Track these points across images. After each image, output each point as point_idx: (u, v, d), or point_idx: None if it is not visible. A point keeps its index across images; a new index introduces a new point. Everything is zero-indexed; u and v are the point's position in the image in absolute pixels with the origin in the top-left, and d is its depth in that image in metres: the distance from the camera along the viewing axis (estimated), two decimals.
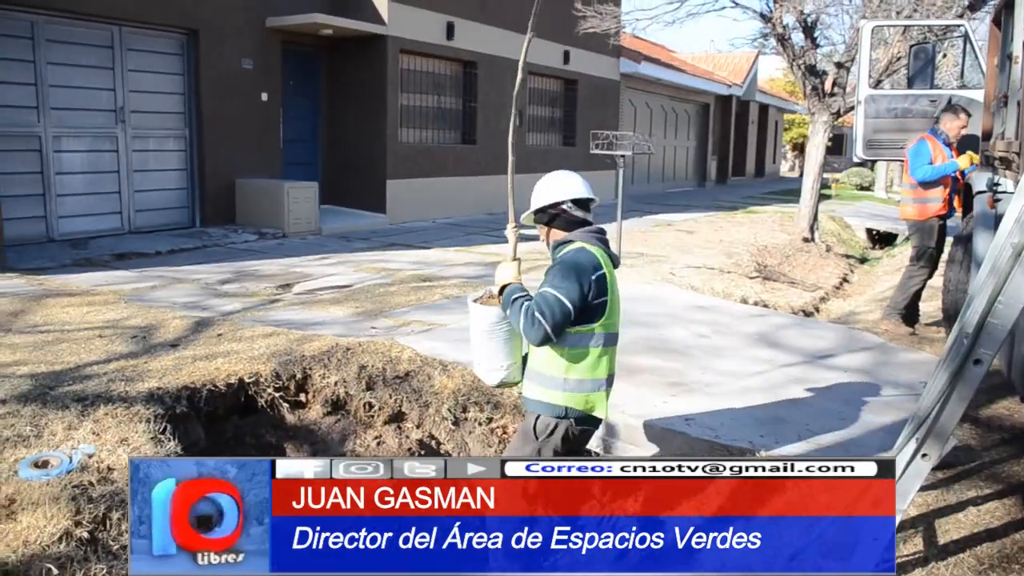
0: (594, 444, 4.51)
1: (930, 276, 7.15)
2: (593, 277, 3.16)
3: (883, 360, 5.97)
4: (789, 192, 25.93)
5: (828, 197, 22.91)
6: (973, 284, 2.93)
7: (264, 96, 11.70)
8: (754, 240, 13.03)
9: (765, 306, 8.19)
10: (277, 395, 4.65)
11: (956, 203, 6.90)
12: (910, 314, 7.20)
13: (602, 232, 3.39)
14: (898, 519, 2.78)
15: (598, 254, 3.25)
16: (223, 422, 4.48)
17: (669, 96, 24.76)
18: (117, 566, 3.02)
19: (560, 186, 3.35)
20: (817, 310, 9.15)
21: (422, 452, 4.47)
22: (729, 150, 30.19)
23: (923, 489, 3.68)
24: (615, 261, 3.38)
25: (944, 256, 6.86)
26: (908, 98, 8.29)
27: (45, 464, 3.47)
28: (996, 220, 5.54)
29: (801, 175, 14.98)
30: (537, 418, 3.31)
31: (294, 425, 4.62)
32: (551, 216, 3.35)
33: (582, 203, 3.35)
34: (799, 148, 48.79)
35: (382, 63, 12.85)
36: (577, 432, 3.33)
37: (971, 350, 2.62)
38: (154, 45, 10.64)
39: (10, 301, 6.63)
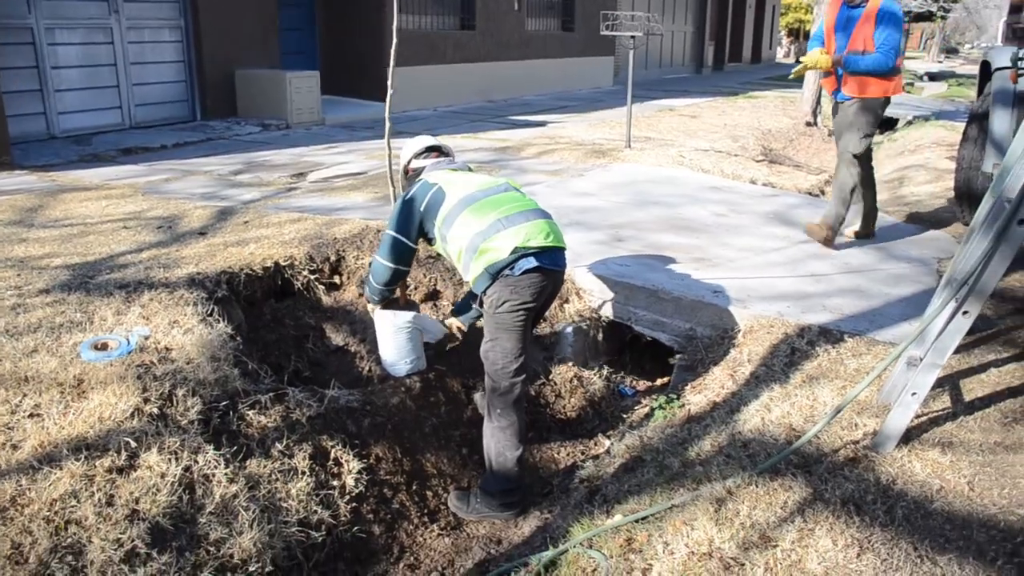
0: (618, 308, 4.64)
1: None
2: (422, 206, 3.65)
3: (893, 236, 6.08)
4: (787, 78, 25.60)
5: None
6: (1010, 153, 2.99)
7: None
8: (758, 125, 12.98)
9: (773, 187, 8.24)
10: (312, 278, 4.73)
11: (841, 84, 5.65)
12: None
13: (437, 157, 4.04)
14: (937, 374, 2.92)
15: (433, 176, 3.79)
16: (261, 305, 4.57)
17: None
18: (188, 439, 3.14)
19: (402, 153, 4.11)
20: (822, 192, 9.22)
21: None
22: (726, 36, 29.64)
23: None
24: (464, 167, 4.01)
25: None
26: None
27: (104, 346, 3.57)
28: (1016, 96, 5.55)
29: (797, 61, 14.74)
30: (481, 298, 3.57)
31: (331, 307, 4.71)
32: (409, 180, 3.99)
33: (422, 152, 4.05)
34: (794, 33, 47.82)
35: None
36: (522, 280, 3.44)
37: (1015, 212, 2.70)
38: None
39: (27, 197, 6.62)
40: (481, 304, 3.59)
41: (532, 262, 3.42)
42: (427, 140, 4.13)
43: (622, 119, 10.16)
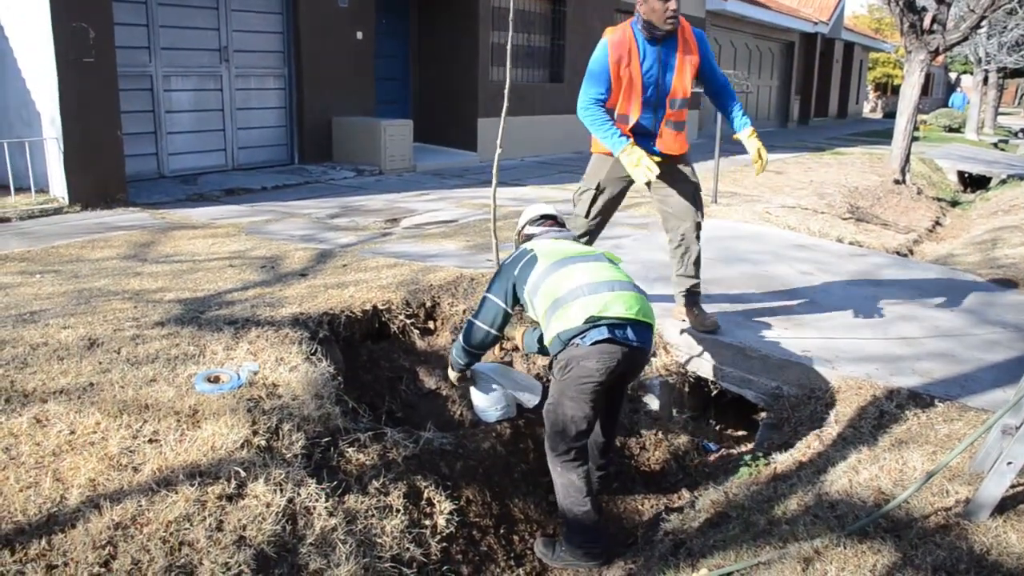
0: (707, 368, 4.70)
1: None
2: (515, 271, 3.74)
3: (987, 301, 5.99)
4: (874, 133, 25.30)
5: (916, 139, 22.33)
6: None
7: (359, 35, 11.88)
8: (844, 181, 12.88)
9: (860, 246, 8.19)
10: (408, 322, 4.91)
11: (672, 142, 4.64)
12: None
13: (550, 226, 4.10)
14: None
15: (528, 248, 3.83)
16: (358, 346, 4.76)
17: (754, 34, 24.22)
18: (292, 472, 3.32)
19: (520, 219, 4.24)
20: (911, 252, 9.10)
21: (549, 378, 4.70)
22: (812, 90, 29.46)
23: None
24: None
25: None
26: None
27: (217, 379, 3.79)
28: None
29: (884, 116, 14.62)
30: (552, 361, 3.60)
31: (424, 351, 4.89)
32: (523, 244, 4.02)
33: (536, 220, 4.13)
34: (881, 88, 47.27)
35: (474, 1, 12.91)
36: (592, 351, 3.38)
37: None
38: None
39: (140, 233, 7.04)
40: (551, 367, 3.65)
41: (603, 332, 3.35)
42: (542, 208, 4.21)
43: (707, 173, 10.19)
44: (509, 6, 5.30)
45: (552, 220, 4.14)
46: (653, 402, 4.74)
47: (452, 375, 4.25)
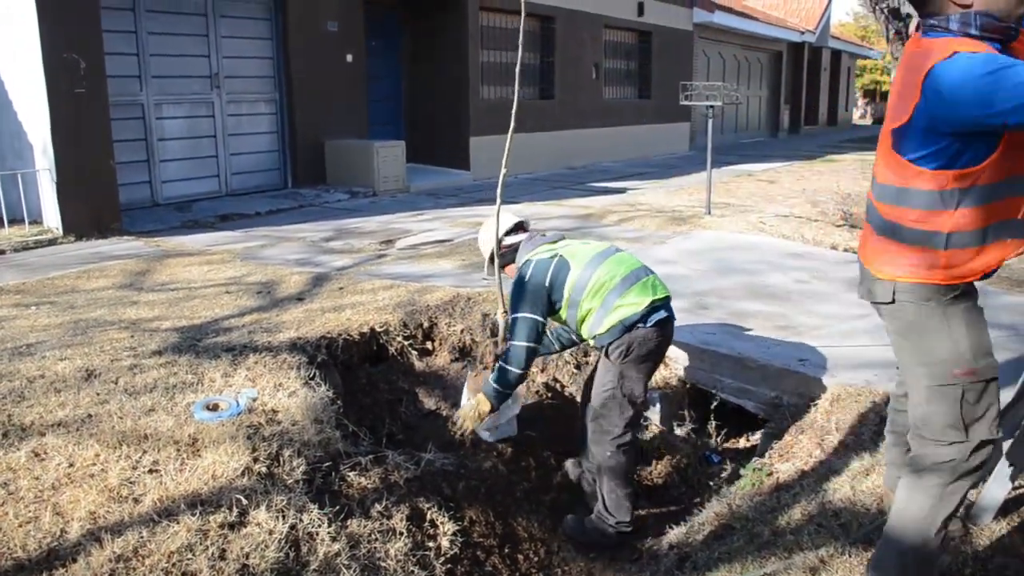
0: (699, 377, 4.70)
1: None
2: (547, 280, 3.76)
3: (983, 303, 5.99)
4: (866, 140, 25.38)
5: None
6: None
7: (349, 57, 11.93)
8: (837, 189, 12.87)
9: (855, 253, 8.20)
10: (406, 343, 4.91)
11: None
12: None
13: (533, 233, 4.13)
14: None
15: (541, 251, 3.89)
16: (357, 369, 4.76)
17: (742, 45, 24.36)
18: (293, 498, 3.30)
19: (491, 231, 4.08)
20: None
21: (549, 395, 4.70)
22: (801, 99, 29.58)
23: None
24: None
25: None
26: None
27: (215, 407, 3.78)
28: None
29: (874, 122, 14.68)
30: (605, 350, 3.75)
31: (423, 371, 4.89)
32: (504, 258, 4.09)
33: (511, 230, 4.12)
34: (870, 95, 47.48)
35: (463, 21, 12.97)
36: (651, 331, 3.70)
37: None
38: (245, 11, 10.93)
39: (136, 262, 7.04)
40: (607, 354, 3.75)
41: (663, 313, 3.73)
42: (512, 218, 4.24)
43: (700, 185, 10.27)
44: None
45: (522, 227, 4.24)
46: (654, 415, 4.73)
47: (487, 408, 3.96)
